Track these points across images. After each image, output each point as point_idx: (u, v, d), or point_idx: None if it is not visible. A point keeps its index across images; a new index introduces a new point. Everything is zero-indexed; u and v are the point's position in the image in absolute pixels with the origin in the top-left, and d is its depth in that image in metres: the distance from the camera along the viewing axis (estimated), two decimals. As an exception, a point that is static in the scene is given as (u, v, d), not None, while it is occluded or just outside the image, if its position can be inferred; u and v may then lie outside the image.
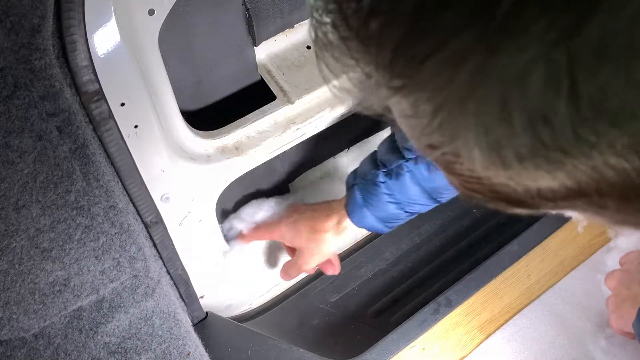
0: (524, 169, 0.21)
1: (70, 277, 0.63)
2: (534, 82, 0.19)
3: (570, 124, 0.19)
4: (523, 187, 0.23)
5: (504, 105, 0.19)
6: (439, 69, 0.20)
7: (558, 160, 0.20)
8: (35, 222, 0.58)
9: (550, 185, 0.22)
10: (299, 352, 0.82)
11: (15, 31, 0.48)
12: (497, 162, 0.21)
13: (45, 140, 0.55)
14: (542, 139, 0.20)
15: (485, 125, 0.20)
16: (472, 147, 0.21)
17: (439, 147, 0.23)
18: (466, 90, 0.20)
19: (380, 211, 0.78)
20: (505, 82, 0.19)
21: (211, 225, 0.83)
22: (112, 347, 0.68)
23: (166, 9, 0.60)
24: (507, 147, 0.21)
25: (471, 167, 0.23)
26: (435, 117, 0.22)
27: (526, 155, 0.21)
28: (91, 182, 0.60)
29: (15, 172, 0.54)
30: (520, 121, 0.20)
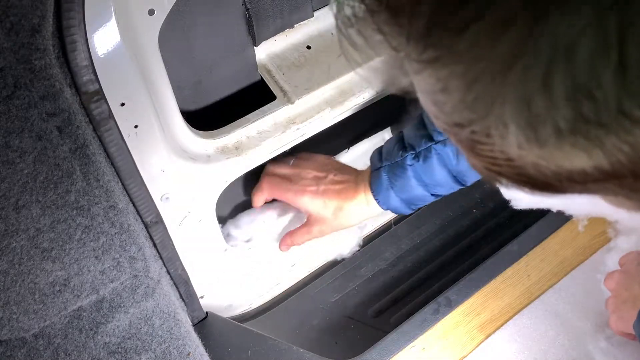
0: (560, 147, 0.20)
1: (70, 277, 0.63)
2: (582, 50, 0.18)
3: (616, 96, 0.18)
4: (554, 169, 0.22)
5: (547, 75, 0.19)
6: (479, 39, 0.19)
7: (597, 137, 0.20)
8: (35, 222, 0.58)
9: (584, 166, 0.21)
10: (299, 352, 0.82)
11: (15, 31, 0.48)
12: (532, 139, 0.20)
13: (45, 140, 0.55)
14: (583, 113, 0.19)
15: (525, 97, 0.19)
16: (507, 123, 0.20)
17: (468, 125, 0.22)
18: (508, 60, 0.19)
19: (406, 193, 0.77)
20: (552, 51, 0.18)
21: (211, 225, 0.83)
22: (112, 347, 0.68)
23: (166, 9, 0.60)
24: (546, 122, 0.20)
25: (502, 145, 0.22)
26: (469, 90, 0.21)
27: (565, 131, 0.20)
28: (91, 182, 0.60)
29: (15, 172, 0.54)
30: (563, 92, 0.19)
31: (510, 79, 0.19)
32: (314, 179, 0.84)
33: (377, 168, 0.79)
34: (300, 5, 0.79)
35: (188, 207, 0.76)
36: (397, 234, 1.04)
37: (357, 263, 1.01)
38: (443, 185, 0.76)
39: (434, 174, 0.75)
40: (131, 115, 0.61)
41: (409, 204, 0.79)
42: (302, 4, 0.79)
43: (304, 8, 0.80)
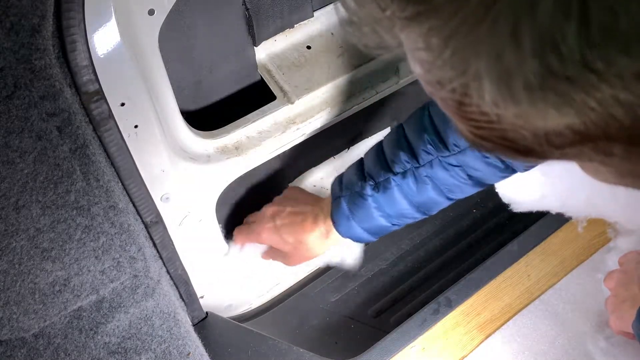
0: (532, 103, 0.21)
1: (70, 277, 0.63)
2: (544, 3, 0.18)
3: (579, 49, 0.19)
4: (532, 130, 0.23)
5: (514, 28, 0.19)
6: None
7: (566, 93, 0.20)
8: (35, 222, 0.58)
9: (558, 125, 0.22)
10: (299, 352, 0.82)
11: (15, 31, 0.48)
12: (506, 95, 0.21)
13: (45, 140, 0.55)
14: (550, 66, 0.19)
15: (495, 50, 0.20)
16: (482, 79, 0.21)
17: (449, 82, 0.23)
18: (479, 14, 0.20)
19: (368, 223, 0.76)
20: (517, 4, 0.19)
21: (211, 225, 0.83)
22: (112, 347, 0.68)
23: (166, 9, 0.60)
24: (517, 76, 0.20)
25: (481, 105, 0.22)
26: (446, 46, 0.21)
27: (535, 86, 0.20)
28: (91, 182, 0.60)
29: (15, 172, 0.54)
30: (530, 45, 0.19)
31: (482, 33, 0.20)
32: (271, 216, 0.83)
33: (337, 197, 0.77)
34: (300, 5, 0.79)
35: (188, 207, 0.76)
36: (397, 234, 1.04)
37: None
38: (406, 215, 0.75)
39: (397, 205, 0.74)
40: (131, 115, 0.62)
41: (371, 233, 0.77)
42: (302, 4, 0.79)
43: (304, 8, 0.80)
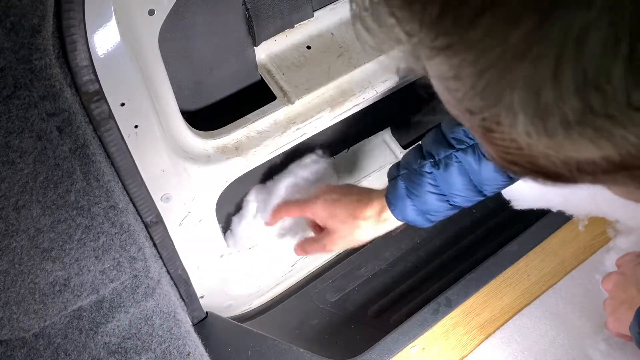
0: (568, 137, 0.20)
1: (70, 277, 0.63)
2: (592, 42, 0.18)
3: (625, 90, 0.18)
4: (563, 159, 0.22)
5: (557, 65, 0.19)
6: (492, 28, 0.19)
7: (605, 129, 0.20)
8: (35, 222, 0.58)
9: (593, 156, 0.21)
10: (299, 352, 0.82)
11: (15, 31, 0.48)
12: (540, 129, 0.21)
13: (45, 140, 0.55)
14: (591, 105, 0.19)
15: (534, 87, 0.20)
16: (516, 112, 0.21)
17: (479, 112, 0.22)
18: (519, 50, 0.19)
19: (423, 203, 0.75)
20: (562, 42, 0.18)
21: (211, 225, 0.83)
22: (112, 347, 0.68)
23: (166, 9, 0.60)
24: (554, 112, 0.20)
25: (512, 134, 0.22)
26: (480, 78, 0.21)
27: (572, 122, 0.20)
28: (91, 182, 0.60)
29: (15, 172, 0.54)
30: (572, 84, 0.19)
31: (520, 69, 0.19)
32: (327, 190, 0.83)
33: (393, 177, 0.77)
34: (300, 5, 0.79)
35: (188, 207, 0.76)
36: (397, 234, 1.04)
37: (357, 263, 1.01)
38: (462, 194, 0.74)
39: (454, 183, 0.73)
40: (131, 115, 0.61)
41: (425, 214, 0.76)
42: (302, 4, 0.79)
43: (304, 8, 0.80)
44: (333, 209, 0.80)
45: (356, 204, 0.80)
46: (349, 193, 0.81)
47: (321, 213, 0.81)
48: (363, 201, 0.79)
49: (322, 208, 0.81)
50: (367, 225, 0.79)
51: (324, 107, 0.81)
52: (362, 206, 0.79)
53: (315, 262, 1.02)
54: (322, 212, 0.81)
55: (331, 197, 0.81)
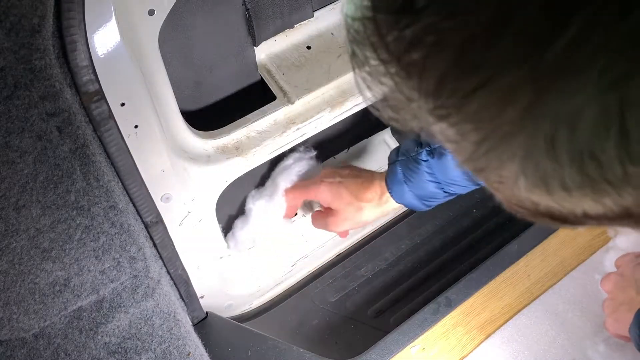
0: (570, 196, 0.21)
1: (70, 277, 0.63)
2: (583, 122, 0.19)
3: (620, 163, 0.19)
4: (568, 210, 0.23)
5: (552, 142, 0.20)
6: (486, 104, 0.20)
7: (604, 190, 0.20)
8: (35, 222, 0.58)
9: (596, 209, 0.22)
10: (299, 352, 0.82)
11: (15, 31, 0.48)
12: (542, 189, 0.21)
13: (45, 140, 0.55)
14: (588, 173, 0.20)
15: (531, 158, 0.20)
16: (517, 175, 0.21)
17: (483, 172, 0.23)
18: (514, 126, 0.20)
19: (420, 189, 0.78)
20: (555, 121, 0.19)
21: (211, 225, 0.83)
22: (112, 347, 0.68)
23: (166, 9, 0.60)
24: (554, 178, 0.21)
25: (515, 191, 0.23)
26: (480, 146, 0.21)
27: (572, 187, 0.21)
28: (91, 182, 0.60)
29: (15, 172, 0.54)
30: (568, 158, 0.20)
31: (517, 141, 0.20)
32: (331, 173, 0.85)
33: (392, 162, 0.80)
34: (300, 5, 0.79)
35: (188, 207, 0.76)
36: (397, 234, 1.04)
37: (357, 263, 1.01)
38: (457, 182, 0.76)
39: (449, 171, 0.75)
40: (131, 115, 0.61)
41: (422, 199, 0.79)
42: (302, 4, 0.79)
43: (304, 8, 0.80)
44: (337, 191, 0.82)
45: (360, 186, 0.82)
46: (351, 175, 0.84)
47: (326, 195, 0.83)
48: (365, 184, 0.82)
49: (327, 190, 0.83)
50: (370, 207, 0.82)
51: (324, 107, 0.81)
52: (364, 189, 0.82)
53: (315, 262, 1.02)
54: (326, 195, 0.83)
55: (335, 179, 0.83)
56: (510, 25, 0.19)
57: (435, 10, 0.20)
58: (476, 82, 0.20)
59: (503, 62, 0.19)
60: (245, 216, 0.91)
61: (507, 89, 0.19)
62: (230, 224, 0.93)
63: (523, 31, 0.18)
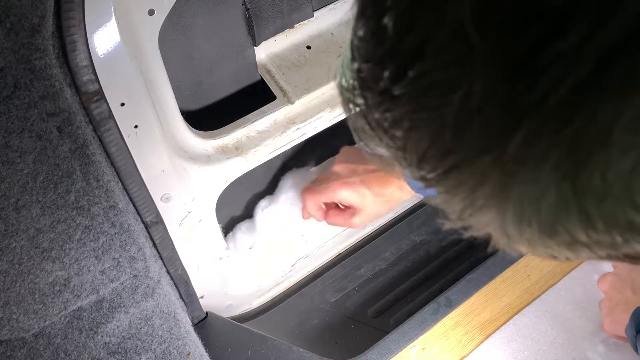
0: (550, 248, 0.24)
1: (70, 277, 0.63)
2: (546, 204, 0.21)
3: (586, 234, 0.21)
4: (551, 255, 0.25)
5: (521, 217, 0.22)
6: (462, 182, 0.22)
7: (578, 248, 0.23)
8: (35, 222, 0.58)
9: (577, 257, 0.24)
10: (299, 352, 0.82)
11: (15, 31, 0.48)
12: (524, 245, 0.24)
13: (45, 140, 0.55)
14: (561, 239, 0.22)
15: (506, 227, 0.23)
16: (498, 233, 0.24)
17: (475, 228, 0.25)
18: (488, 200, 0.22)
19: None
20: (522, 202, 0.21)
21: (211, 225, 0.83)
22: (112, 347, 0.68)
23: (166, 9, 0.60)
24: (530, 240, 0.23)
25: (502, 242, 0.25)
26: (463, 212, 0.24)
27: (548, 245, 0.23)
28: (91, 182, 0.60)
29: (15, 172, 0.54)
30: (538, 229, 0.22)
31: (493, 215, 0.23)
32: (350, 172, 0.84)
33: None
34: (300, 5, 0.79)
35: (188, 207, 0.76)
36: (397, 234, 1.04)
37: (357, 263, 1.01)
38: None
39: None
40: (131, 115, 0.61)
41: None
42: (302, 4, 0.79)
43: (304, 8, 0.80)
44: (359, 191, 0.82)
45: (380, 180, 0.82)
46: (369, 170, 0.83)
47: (349, 197, 0.82)
48: (385, 177, 0.82)
49: (349, 192, 0.82)
50: (393, 195, 0.82)
51: (324, 107, 0.81)
52: (385, 182, 0.82)
53: (315, 262, 1.02)
54: (349, 196, 0.82)
55: (354, 179, 0.83)
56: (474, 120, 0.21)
57: (409, 101, 0.22)
58: (450, 164, 0.22)
59: (472, 149, 0.21)
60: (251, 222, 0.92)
61: (478, 171, 0.22)
62: (231, 224, 0.93)
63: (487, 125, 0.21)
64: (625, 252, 0.23)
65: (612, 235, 0.21)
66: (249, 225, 0.92)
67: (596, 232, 0.21)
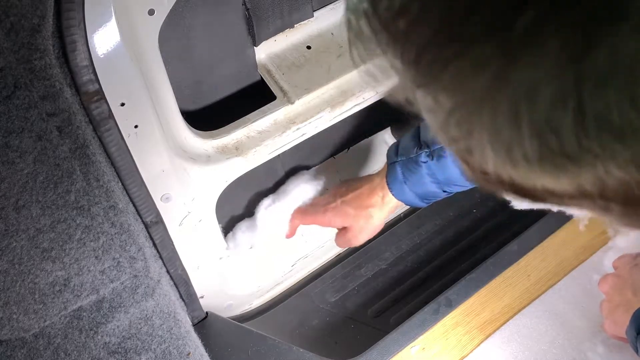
0: (530, 170, 0.23)
1: (70, 277, 0.63)
2: (543, 96, 0.20)
3: (576, 137, 0.20)
4: (531, 185, 0.24)
5: (515, 113, 0.21)
6: (461, 73, 0.22)
7: (563, 166, 0.22)
8: (35, 222, 0.58)
9: (555, 187, 0.24)
10: (299, 352, 0.82)
11: (15, 31, 0.48)
12: (506, 161, 0.23)
13: (45, 140, 0.55)
14: (549, 145, 0.21)
15: (497, 127, 0.22)
16: (484, 145, 0.23)
17: (454, 142, 0.25)
18: (483, 95, 0.22)
19: (420, 189, 0.79)
20: (518, 93, 0.21)
21: (211, 225, 0.83)
22: (112, 347, 0.68)
23: (166, 9, 0.60)
24: (516, 149, 0.22)
25: (482, 164, 0.24)
26: (452, 115, 0.23)
27: (533, 158, 0.22)
28: (91, 182, 0.60)
29: (15, 172, 0.54)
30: (529, 129, 0.21)
31: (484, 112, 0.22)
32: (331, 197, 0.87)
33: (392, 162, 0.82)
34: (300, 5, 0.79)
35: (188, 207, 0.76)
36: (397, 234, 1.04)
37: (357, 263, 1.01)
38: (457, 182, 0.78)
39: (449, 172, 0.77)
40: (131, 115, 0.61)
41: (422, 198, 0.81)
42: (302, 4, 0.79)
43: (304, 8, 0.80)
44: (342, 211, 0.85)
45: (360, 196, 0.85)
46: (350, 190, 0.86)
47: (334, 220, 0.86)
48: (365, 192, 0.85)
49: (333, 215, 0.86)
50: (376, 211, 0.84)
51: (324, 107, 0.81)
52: (366, 196, 0.84)
53: (315, 262, 1.02)
54: (334, 219, 0.86)
55: (336, 203, 0.86)
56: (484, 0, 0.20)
57: None
58: (452, 51, 0.22)
59: (477, 34, 0.21)
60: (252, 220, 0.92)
61: (479, 58, 0.21)
62: (231, 224, 0.93)
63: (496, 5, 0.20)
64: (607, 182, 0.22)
65: (602, 145, 0.20)
66: (249, 225, 0.92)
67: (587, 137, 0.20)
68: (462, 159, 0.26)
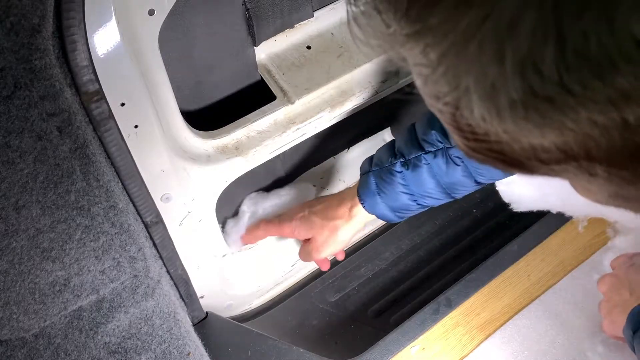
0: (516, 122, 0.23)
1: (70, 277, 0.63)
2: (524, 26, 0.20)
3: (557, 71, 0.20)
4: (518, 145, 0.24)
5: (498, 49, 0.21)
6: (447, 14, 0.22)
7: (546, 113, 0.22)
8: (35, 222, 0.58)
9: (542, 142, 0.23)
10: (299, 352, 0.82)
11: (15, 31, 0.48)
12: (492, 111, 0.23)
13: (45, 140, 0.55)
14: (532, 85, 0.21)
15: (482, 68, 0.22)
16: (471, 94, 0.23)
17: (442, 96, 0.25)
18: (467, 35, 0.22)
19: (393, 200, 0.77)
20: (500, 26, 0.21)
21: (211, 225, 0.83)
22: (112, 347, 0.68)
23: (166, 9, 0.60)
24: (501, 92, 0.22)
25: (470, 119, 0.24)
26: (440, 63, 0.23)
27: (518, 104, 0.22)
28: (91, 182, 0.60)
29: (15, 172, 0.54)
30: (512, 65, 0.21)
31: (470, 52, 0.22)
32: (301, 207, 0.86)
33: (365, 172, 0.79)
34: (300, 5, 0.79)
35: (188, 207, 0.76)
36: (397, 234, 1.04)
37: (357, 263, 1.01)
38: (431, 195, 0.76)
39: (423, 184, 0.75)
40: (131, 115, 0.61)
41: (395, 211, 0.78)
42: (302, 4, 0.79)
43: (304, 8, 0.80)
44: (308, 220, 0.83)
45: (329, 207, 0.82)
46: (320, 202, 0.84)
47: (299, 230, 0.84)
48: (334, 203, 0.82)
49: (299, 225, 0.84)
50: (342, 223, 0.81)
51: (324, 107, 0.81)
52: (333, 207, 0.82)
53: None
54: (299, 229, 0.84)
55: (304, 212, 0.84)
56: None
57: None
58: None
59: None
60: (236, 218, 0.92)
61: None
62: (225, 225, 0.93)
63: None
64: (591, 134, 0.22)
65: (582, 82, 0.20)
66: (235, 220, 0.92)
67: (567, 71, 0.20)
68: (450, 121, 0.26)
